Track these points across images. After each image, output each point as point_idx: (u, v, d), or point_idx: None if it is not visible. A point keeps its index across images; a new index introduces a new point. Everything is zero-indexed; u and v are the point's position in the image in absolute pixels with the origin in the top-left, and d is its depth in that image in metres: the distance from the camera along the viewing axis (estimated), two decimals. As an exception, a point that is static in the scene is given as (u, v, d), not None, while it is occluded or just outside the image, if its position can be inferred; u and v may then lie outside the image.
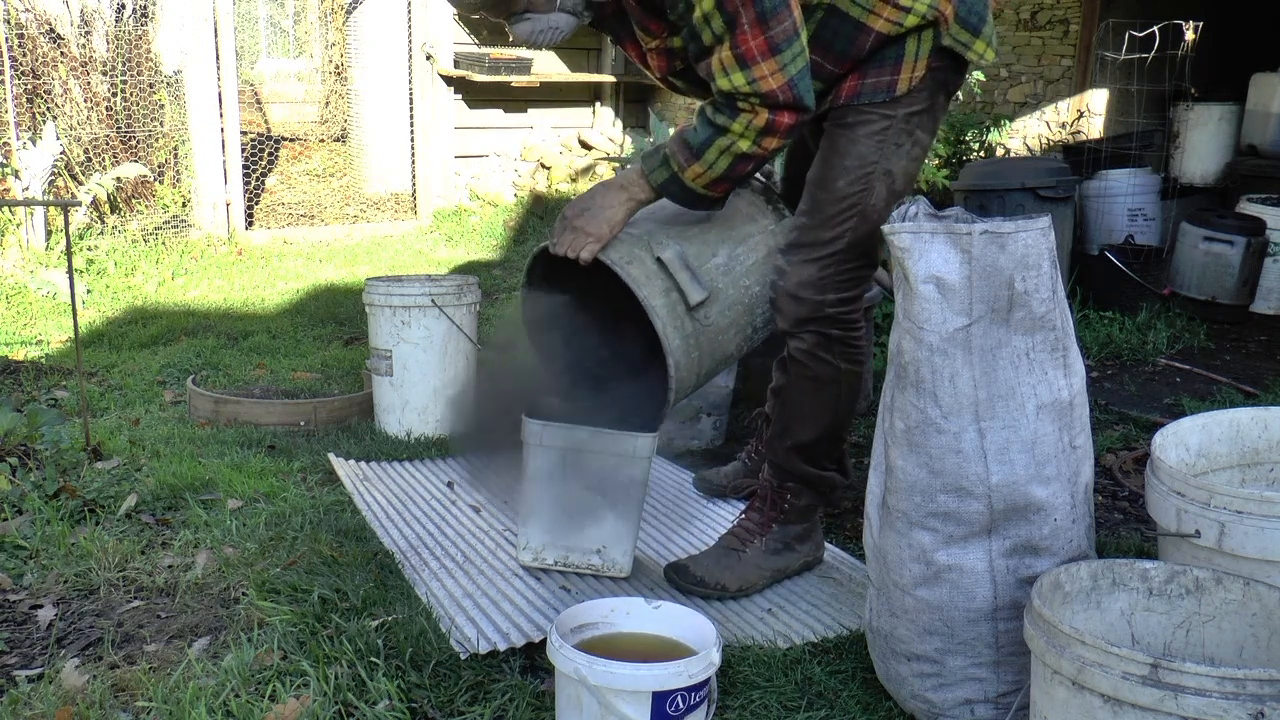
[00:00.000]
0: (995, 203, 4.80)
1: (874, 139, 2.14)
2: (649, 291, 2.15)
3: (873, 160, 2.14)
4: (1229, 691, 1.28)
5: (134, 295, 5.51)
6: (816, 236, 2.17)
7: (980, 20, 2.15)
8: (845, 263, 2.18)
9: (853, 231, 2.15)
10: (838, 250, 2.17)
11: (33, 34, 6.03)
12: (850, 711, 1.86)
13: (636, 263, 2.17)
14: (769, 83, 1.97)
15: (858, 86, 2.14)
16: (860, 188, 2.14)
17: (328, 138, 8.52)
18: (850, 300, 2.21)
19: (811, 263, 2.18)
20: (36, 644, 2.11)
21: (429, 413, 3.38)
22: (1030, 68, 6.64)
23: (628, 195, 2.16)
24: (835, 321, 2.20)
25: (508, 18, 2.13)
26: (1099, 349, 4.37)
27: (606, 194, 2.17)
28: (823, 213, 2.17)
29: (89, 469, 2.95)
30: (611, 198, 2.16)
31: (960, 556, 1.72)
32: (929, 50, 2.11)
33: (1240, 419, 2.05)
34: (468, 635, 2.04)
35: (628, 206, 2.17)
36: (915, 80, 2.12)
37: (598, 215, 2.15)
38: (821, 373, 2.23)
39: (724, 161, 2.06)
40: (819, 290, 2.18)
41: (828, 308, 2.19)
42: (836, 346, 2.22)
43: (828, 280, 2.18)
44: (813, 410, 2.28)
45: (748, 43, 1.95)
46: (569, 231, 2.17)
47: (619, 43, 2.27)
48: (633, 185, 2.16)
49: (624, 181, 2.17)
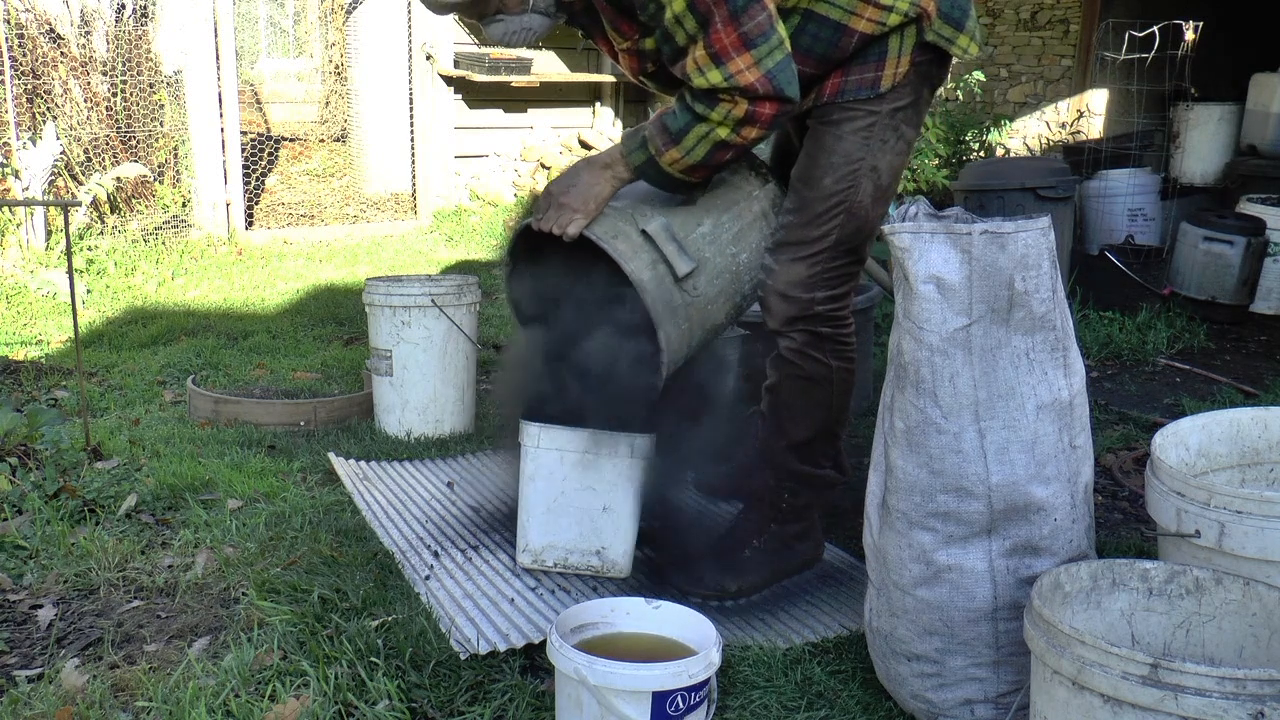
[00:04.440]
0: (995, 203, 4.80)
1: (860, 136, 2.13)
2: (636, 265, 2.12)
3: (859, 157, 2.14)
4: (1229, 691, 1.28)
5: (134, 295, 5.51)
6: (804, 235, 2.17)
7: (963, 14, 2.15)
8: (833, 260, 2.18)
9: (840, 229, 2.15)
10: (826, 248, 2.17)
11: (33, 34, 6.02)
12: (850, 711, 1.86)
13: (622, 237, 2.14)
14: (746, 77, 1.96)
15: (841, 84, 2.14)
16: (847, 185, 2.14)
17: (328, 138, 8.52)
18: (839, 298, 2.21)
19: (799, 261, 2.18)
20: (36, 644, 2.11)
21: (429, 413, 3.38)
22: (1030, 68, 6.64)
23: (612, 174, 2.16)
24: (825, 319, 2.20)
25: (480, 19, 2.14)
26: (1099, 349, 4.37)
27: (591, 171, 2.16)
28: (810, 211, 2.17)
29: (89, 469, 2.95)
30: (596, 175, 2.15)
31: (960, 556, 1.72)
32: (912, 46, 2.11)
33: (1240, 419, 2.05)
34: (468, 635, 2.04)
35: (612, 184, 2.16)
36: (899, 76, 2.12)
37: (584, 192, 2.14)
38: (813, 371, 2.23)
39: (702, 149, 2.06)
40: (808, 288, 2.18)
41: (817, 305, 2.18)
42: (827, 344, 2.22)
43: (816, 278, 2.17)
44: (806, 409, 2.27)
45: (721, 40, 1.95)
46: (554, 208, 2.16)
47: (590, 38, 2.27)
48: (616, 164, 2.16)
49: (608, 159, 2.17)
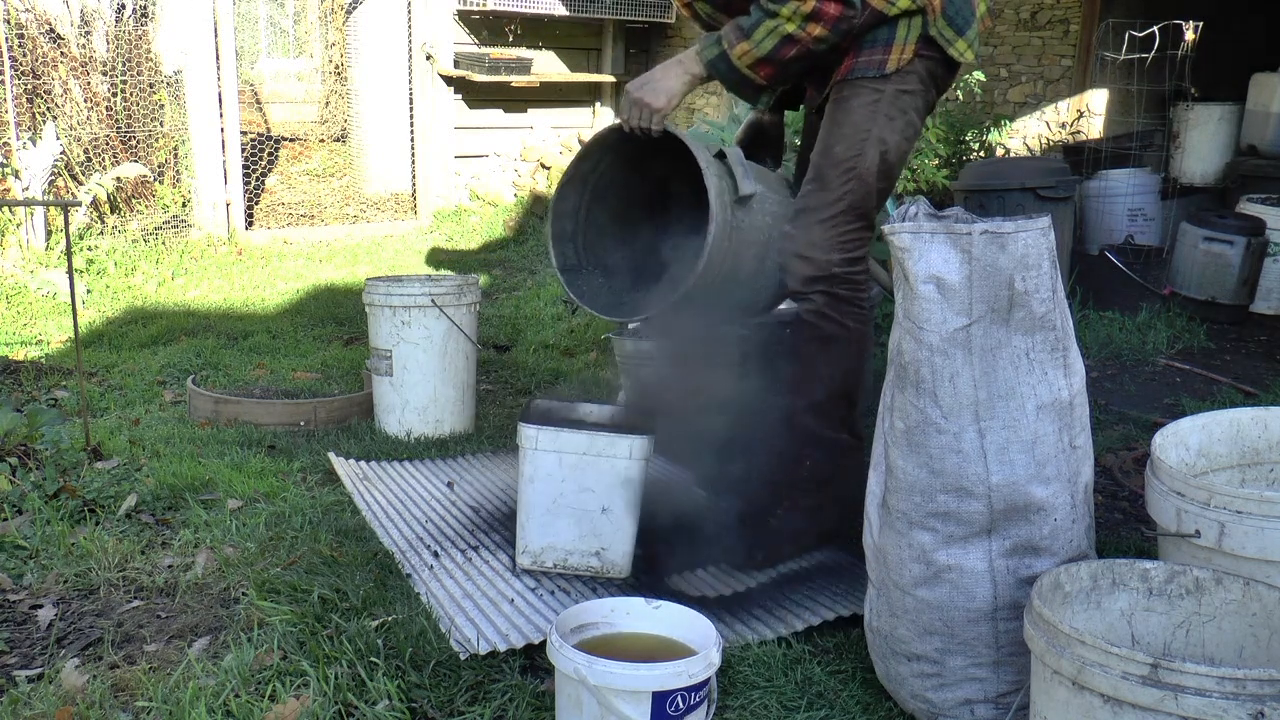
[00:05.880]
0: (995, 203, 4.79)
1: (866, 108, 2.32)
2: (705, 163, 2.35)
3: (865, 127, 2.31)
4: (1229, 691, 1.28)
5: (134, 295, 5.51)
6: (821, 199, 2.34)
7: (965, 23, 2.33)
8: (848, 223, 2.34)
9: (852, 194, 2.32)
10: (840, 211, 2.33)
11: (33, 34, 6.02)
12: (850, 711, 1.86)
13: (700, 148, 2.37)
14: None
15: (853, 64, 2.33)
16: (856, 151, 2.32)
17: (328, 138, 8.51)
18: (855, 261, 2.36)
19: (817, 224, 2.34)
20: (36, 644, 2.11)
21: (429, 413, 3.38)
22: (1030, 68, 6.64)
23: (684, 69, 2.35)
24: (843, 281, 2.35)
25: None
26: (1099, 349, 4.37)
27: (665, 69, 2.36)
28: (825, 178, 2.34)
29: (89, 469, 2.95)
30: (670, 71, 2.35)
31: (960, 556, 1.72)
32: (917, 36, 2.30)
33: (1240, 419, 2.05)
34: (468, 636, 2.04)
35: (685, 80, 2.35)
36: (904, 61, 2.30)
37: (656, 87, 2.34)
38: (831, 331, 2.37)
39: (770, 41, 2.23)
40: (825, 250, 2.33)
41: (834, 267, 2.33)
42: (844, 306, 2.36)
43: (832, 240, 2.33)
44: (824, 368, 2.40)
45: None
46: (633, 105, 2.35)
47: None
48: (689, 60, 2.36)
49: (682, 58, 2.38)
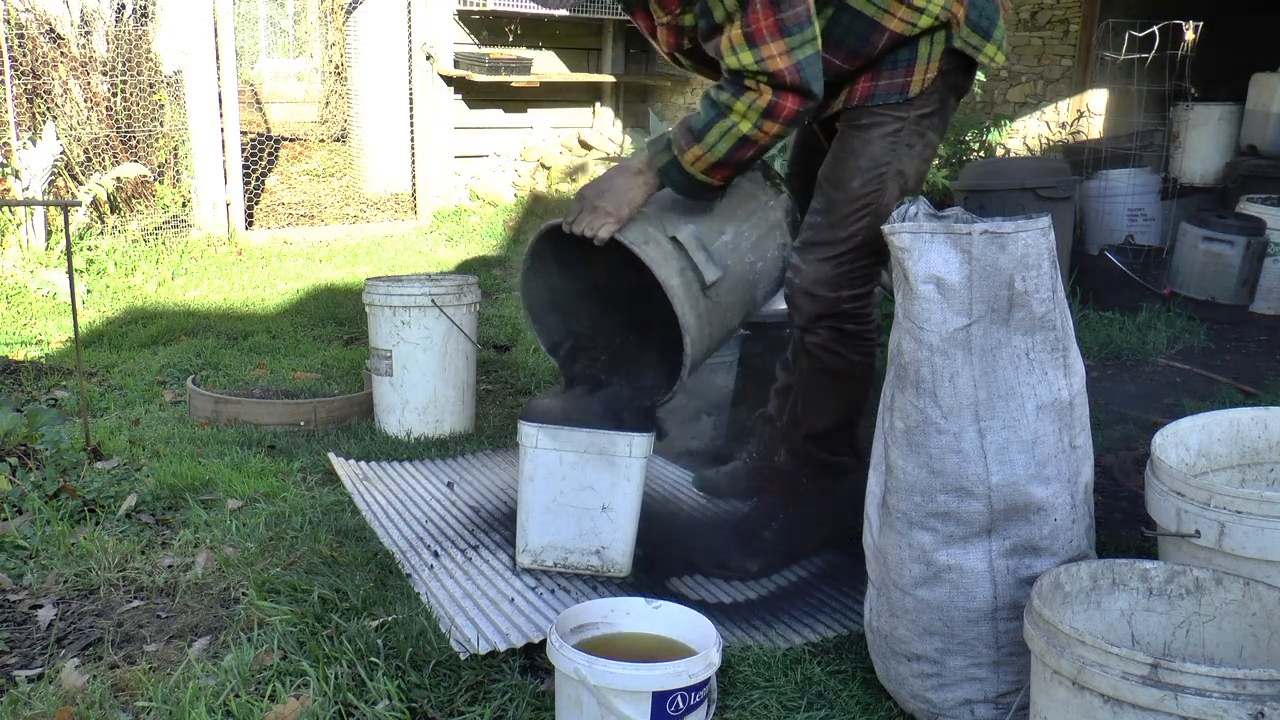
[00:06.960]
0: (995, 203, 4.79)
1: (887, 140, 2.18)
2: (666, 272, 2.17)
3: (886, 161, 2.18)
4: (1229, 691, 1.28)
5: (134, 295, 5.51)
6: (831, 235, 2.23)
7: (990, 24, 2.20)
8: (859, 260, 2.23)
9: (866, 230, 2.20)
10: (852, 248, 2.22)
11: (33, 34, 6.02)
12: (850, 711, 1.86)
13: (653, 243, 2.20)
14: (776, 63, 1.99)
15: (871, 88, 2.18)
16: (874, 187, 2.19)
17: (328, 138, 8.51)
18: (863, 296, 2.28)
19: (826, 261, 2.23)
20: (36, 644, 2.11)
21: (429, 413, 3.38)
22: (1030, 68, 6.64)
23: (644, 179, 2.21)
24: (849, 317, 2.27)
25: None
26: (1099, 349, 4.36)
27: (624, 176, 2.22)
28: (837, 212, 2.22)
29: (89, 469, 2.95)
30: (629, 180, 2.21)
31: (960, 556, 1.72)
32: (941, 52, 2.15)
33: (1240, 419, 2.05)
34: (467, 635, 2.04)
35: (645, 190, 2.21)
36: (928, 82, 2.16)
37: (617, 197, 2.19)
38: (835, 366, 2.30)
39: (724, 144, 2.08)
40: (834, 287, 2.23)
41: (843, 304, 2.25)
42: (850, 340, 2.29)
43: (842, 277, 2.23)
44: (827, 402, 2.36)
45: (758, 22, 1.98)
46: (587, 212, 2.20)
47: (630, 11, 2.32)
48: (647, 169, 2.21)
49: (640, 165, 2.22)
